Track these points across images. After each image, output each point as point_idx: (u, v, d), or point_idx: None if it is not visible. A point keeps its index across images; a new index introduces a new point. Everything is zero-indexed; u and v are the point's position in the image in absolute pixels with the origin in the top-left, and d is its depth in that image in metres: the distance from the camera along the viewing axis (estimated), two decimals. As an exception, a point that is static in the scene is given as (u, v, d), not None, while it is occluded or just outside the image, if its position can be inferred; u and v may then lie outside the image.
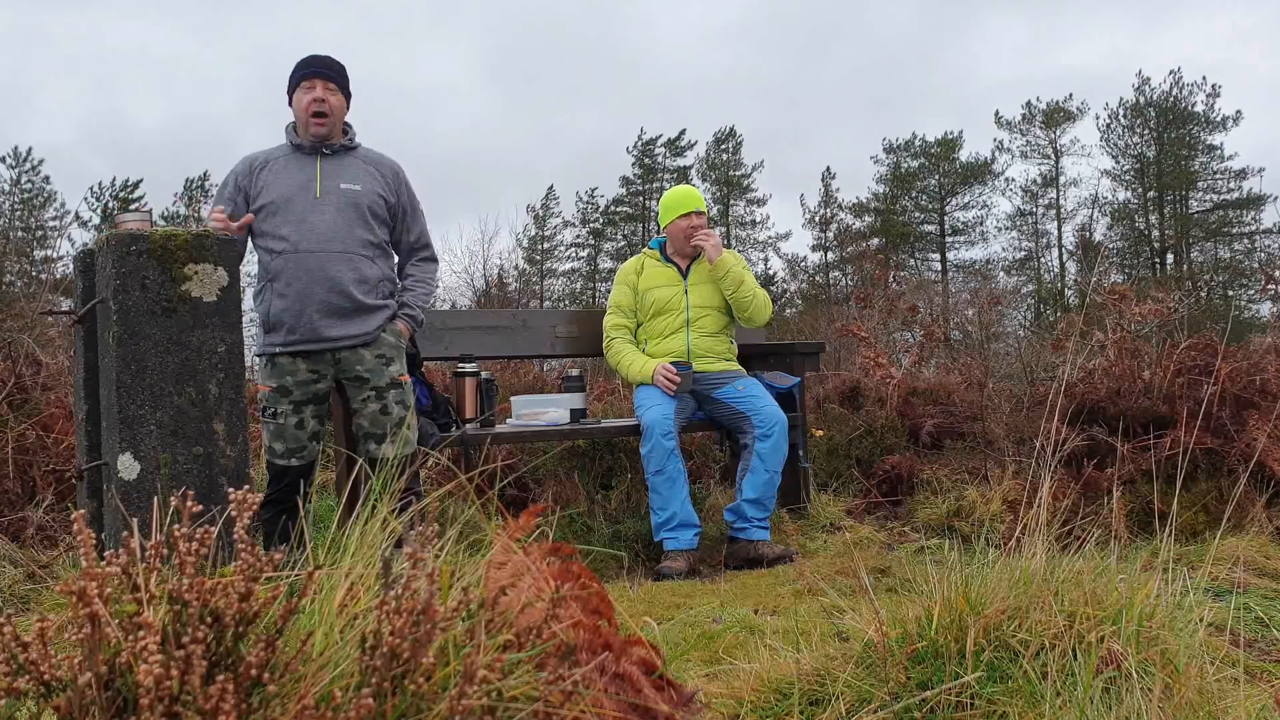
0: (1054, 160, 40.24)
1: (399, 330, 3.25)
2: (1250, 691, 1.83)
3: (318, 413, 3.16)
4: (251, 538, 1.06)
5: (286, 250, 3.07)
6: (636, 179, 42.92)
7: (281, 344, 3.07)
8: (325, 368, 3.12)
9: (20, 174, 37.65)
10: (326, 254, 3.08)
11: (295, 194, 3.11)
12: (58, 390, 4.10)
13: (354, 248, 3.13)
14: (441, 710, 0.97)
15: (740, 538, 3.73)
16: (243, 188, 3.15)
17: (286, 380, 3.08)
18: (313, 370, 3.10)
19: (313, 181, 3.14)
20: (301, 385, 3.10)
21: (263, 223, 3.11)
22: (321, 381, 3.13)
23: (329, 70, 3.18)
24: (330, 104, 3.15)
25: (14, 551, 3.17)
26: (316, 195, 3.12)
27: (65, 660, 0.95)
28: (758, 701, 1.83)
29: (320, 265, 3.07)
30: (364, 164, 3.25)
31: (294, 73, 3.20)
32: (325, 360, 3.11)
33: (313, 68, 3.17)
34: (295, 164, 3.16)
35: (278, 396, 3.09)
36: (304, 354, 3.09)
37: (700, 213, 4.06)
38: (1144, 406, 4.16)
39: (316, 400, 3.14)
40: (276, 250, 3.08)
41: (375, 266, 3.20)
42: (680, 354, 3.97)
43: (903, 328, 9.03)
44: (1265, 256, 34.79)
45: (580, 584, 1.22)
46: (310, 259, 3.06)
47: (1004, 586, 1.84)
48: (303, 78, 3.17)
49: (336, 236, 3.10)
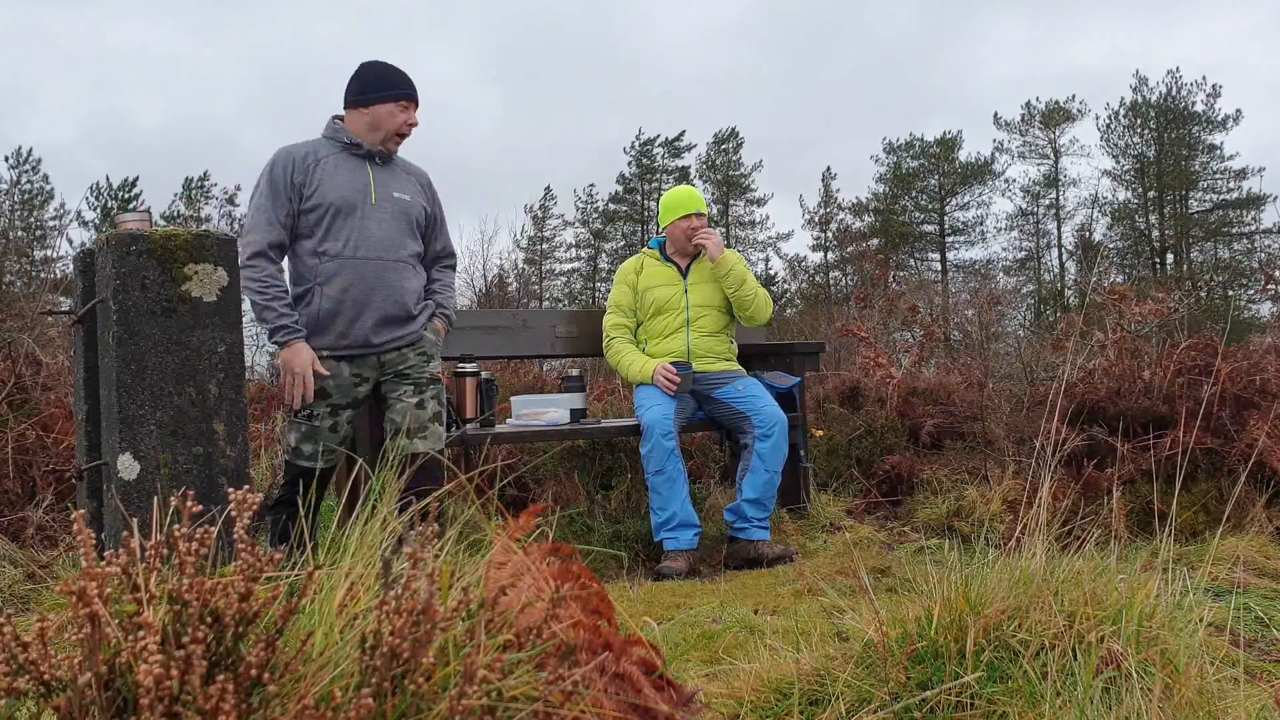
0: (1054, 160, 40.28)
1: (437, 329, 3.27)
2: (1250, 691, 1.83)
3: (352, 417, 3.14)
4: (253, 538, 1.06)
5: (343, 255, 3.03)
6: (635, 179, 42.94)
7: (329, 347, 3.03)
8: (369, 371, 3.10)
9: (20, 174, 37.67)
10: (384, 263, 3.08)
11: (354, 198, 3.06)
12: (58, 390, 4.10)
13: (405, 258, 3.15)
14: (441, 710, 0.97)
15: (740, 538, 3.73)
16: (297, 185, 3.03)
17: (328, 384, 3.03)
18: (356, 373, 3.08)
19: (369, 188, 3.10)
20: (342, 389, 3.06)
21: (315, 224, 3.03)
22: (363, 385, 3.11)
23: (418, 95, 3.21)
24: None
25: (14, 551, 3.17)
26: (374, 202, 3.10)
27: (65, 660, 0.95)
28: (758, 701, 1.83)
29: (378, 274, 3.06)
30: (405, 173, 3.25)
31: (391, 85, 3.14)
32: (369, 364, 3.10)
33: (412, 91, 3.17)
34: (347, 166, 3.10)
35: (316, 400, 3.02)
36: (349, 358, 3.06)
37: (701, 214, 4.06)
38: (1144, 406, 4.16)
39: (354, 405, 3.12)
40: (330, 254, 3.03)
41: (419, 276, 3.23)
42: (680, 354, 3.97)
43: (903, 328, 9.03)
44: (1265, 256, 34.79)
45: (580, 584, 1.22)
46: (367, 267, 3.05)
47: (1004, 586, 1.84)
48: (404, 96, 3.15)
49: (391, 246, 3.10)
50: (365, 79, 3.14)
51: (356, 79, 3.16)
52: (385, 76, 3.14)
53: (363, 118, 3.12)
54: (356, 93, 3.14)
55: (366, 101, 3.12)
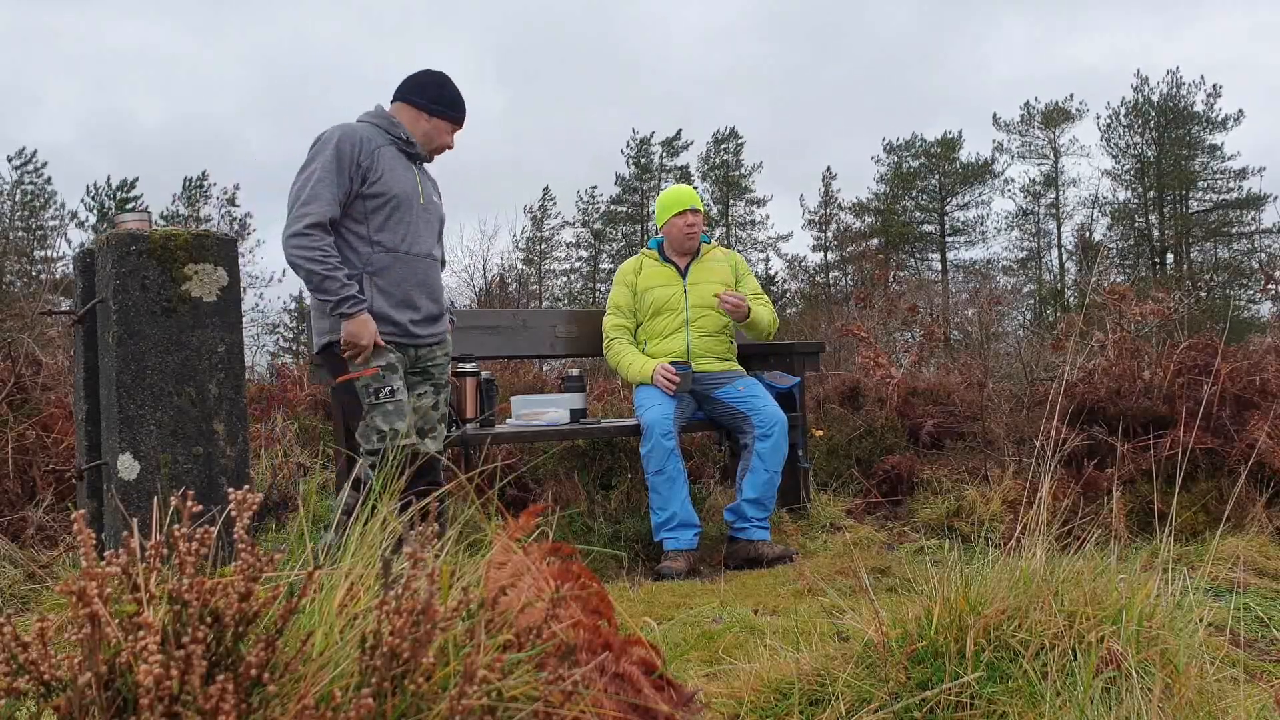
0: (1054, 160, 40.28)
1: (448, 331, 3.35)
2: (1250, 691, 1.83)
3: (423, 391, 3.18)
4: (253, 538, 1.06)
5: (399, 250, 3.06)
6: (634, 179, 42.95)
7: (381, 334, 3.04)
8: (407, 358, 3.14)
9: (21, 174, 37.67)
10: (428, 262, 3.16)
11: (410, 195, 3.10)
12: (58, 390, 4.10)
13: (438, 258, 3.25)
14: (441, 710, 0.97)
15: (740, 538, 3.73)
16: (363, 167, 3.00)
17: (392, 358, 3.02)
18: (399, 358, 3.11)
19: (417, 187, 3.15)
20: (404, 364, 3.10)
21: (372, 212, 3.02)
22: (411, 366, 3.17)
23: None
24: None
25: (14, 551, 3.17)
26: (422, 201, 3.15)
27: (65, 660, 0.95)
28: (758, 701, 1.83)
29: (425, 271, 3.14)
30: (432, 179, 3.33)
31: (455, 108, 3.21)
32: (408, 354, 3.14)
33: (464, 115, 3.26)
34: (401, 162, 3.12)
35: (387, 374, 2.98)
36: (397, 343, 3.09)
37: (696, 210, 4.05)
38: (1144, 406, 4.16)
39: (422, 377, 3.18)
40: (386, 246, 3.04)
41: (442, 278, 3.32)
42: (680, 354, 3.97)
43: (903, 328, 9.03)
44: (1265, 256, 34.79)
45: (580, 584, 1.22)
46: (418, 264, 3.11)
47: (1004, 586, 1.84)
48: (459, 121, 3.24)
49: (431, 246, 3.18)
50: (440, 91, 3.19)
51: (433, 85, 3.19)
52: (455, 98, 3.22)
53: (424, 123, 3.17)
54: (431, 100, 3.18)
55: (434, 111, 3.18)
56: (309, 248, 2.89)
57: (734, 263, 4.17)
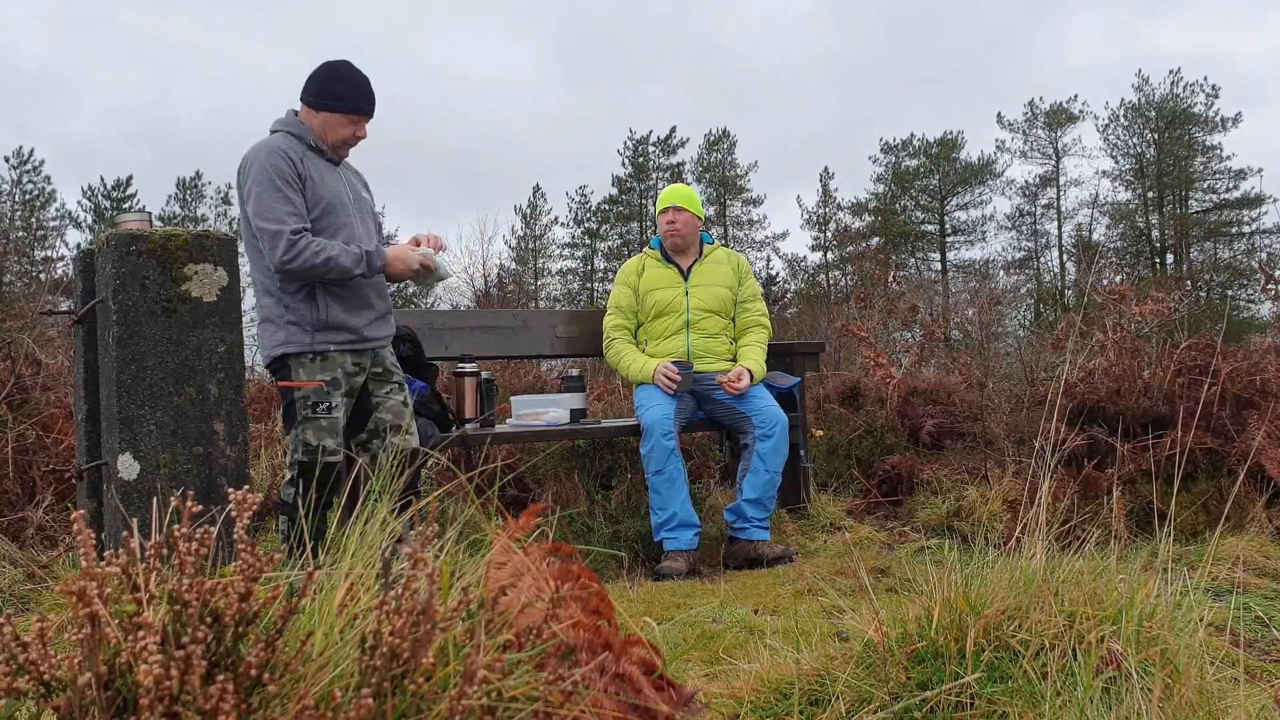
0: (1054, 161, 40.28)
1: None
2: (1250, 691, 1.83)
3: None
4: (253, 538, 1.06)
5: None
6: (630, 179, 42.94)
7: (336, 343, 3.03)
8: (365, 361, 3.13)
9: (21, 174, 37.69)
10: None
11: (341, 196, 3.07)
12: (58, 390, 4.10)
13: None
14: (441, 710, 0.97)
15: (740, 538, 3.72)
16: (302, 177, 2.98)
17: (338, 374, 3.03)
18: (356, 363, 3.10)
19: (345, 188, 3.11)
20: (348, 377, 3.08)
21: (315, 221, 2.99)
22: (360, 375, 3.12)
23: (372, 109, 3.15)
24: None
25: (14, 551, 3.17)
26: (352, 198, 3.12)
27: (65, 660, 0.95)
28: (758, 701, 1.83)
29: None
30: (356, 172, 3.27)
31: (340, 99, 3.06)
32: (366, 355, 3.13)
33: (366, 107, 3.11)
34: (322, 165, 3.08)
35: (331, 390, 3.00)
36: (353, 350, 3.08)
37: (679, 209, 4.03)
38: (1144, 406, 4.16)
39: (352, 394, 3.13)
40: None
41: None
42: (681, 355, 3.97)
43: (903, 328, 9.03)
44: (1265, 256, 34.81)
45: (580, 584, 1.21)
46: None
47: (1004, 586, 1.84)
48: (353, 111, 3.09)
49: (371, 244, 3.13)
50: (324, 84, 3.06)
51: (318, 79, 3.08)
52: (343, 91, 3.07)
53: (315, 119, 3.08)
54: (316, 95, 3.07)
55: (320, 106, 3.07)
56: (299, 252, 2.87)
57: (736, 265, 4.16)
